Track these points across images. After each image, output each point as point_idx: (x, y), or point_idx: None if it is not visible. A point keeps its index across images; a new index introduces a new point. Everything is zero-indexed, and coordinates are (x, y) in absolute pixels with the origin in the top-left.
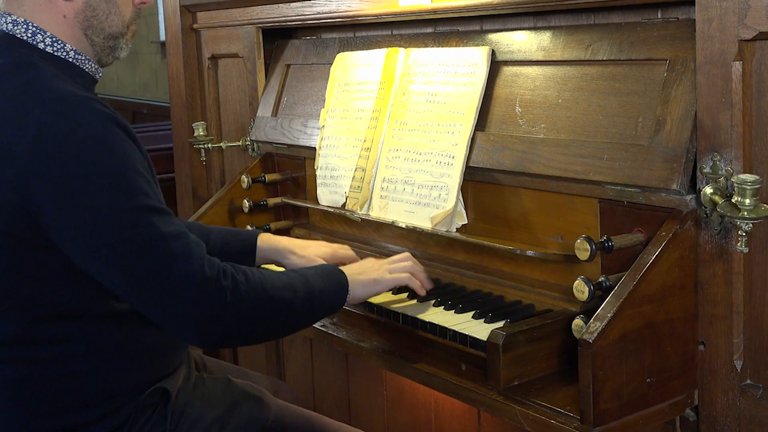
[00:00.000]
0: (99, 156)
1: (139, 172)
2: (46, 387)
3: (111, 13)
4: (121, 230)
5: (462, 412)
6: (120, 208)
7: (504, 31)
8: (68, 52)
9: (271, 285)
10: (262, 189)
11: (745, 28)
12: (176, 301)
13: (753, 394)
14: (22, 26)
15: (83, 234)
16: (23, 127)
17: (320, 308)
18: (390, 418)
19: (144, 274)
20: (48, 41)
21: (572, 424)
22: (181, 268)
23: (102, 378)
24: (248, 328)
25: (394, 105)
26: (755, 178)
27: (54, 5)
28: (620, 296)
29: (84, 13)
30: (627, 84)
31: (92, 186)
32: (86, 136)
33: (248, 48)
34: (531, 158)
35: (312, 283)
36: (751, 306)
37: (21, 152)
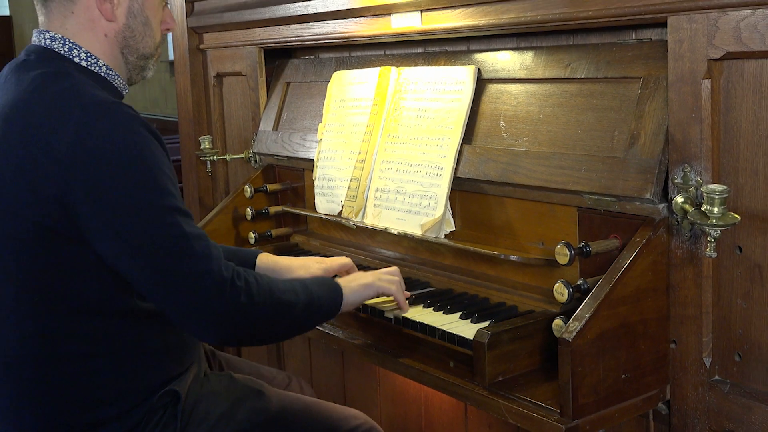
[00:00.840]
0: (131, 157)
1: (166, 174)
2: (66, 384)
3: (146, 35)
4: (148, 226)
5: (450, 406)
6: (149, 206)
7: (489, 51)
8: (101, 67)
9: (277, 288)
10: (263, 198)
11: (714, 49)
12: (194, 297)
13: (721, 389)
14: (59, 42)
15: (113, 227)
16: (63, 128)
17: (319, 312)
18: (383, 411)
19: (166, 269)
20: (83, 56)
21: (553, 417)
22: (201, 266)
23: (119, 377)
24: (257, 327)
25: (386, 120)
26: (723, 188)
27: (96, 25)
28: (597, 298)
29: (123, 33)
30: (604, 100)
31: (124, 184)
32: (121, 139)
33: (251, 67)
34: (514, 169)
35: (311, 289)
36: (719, 307)
37: (61, 150)
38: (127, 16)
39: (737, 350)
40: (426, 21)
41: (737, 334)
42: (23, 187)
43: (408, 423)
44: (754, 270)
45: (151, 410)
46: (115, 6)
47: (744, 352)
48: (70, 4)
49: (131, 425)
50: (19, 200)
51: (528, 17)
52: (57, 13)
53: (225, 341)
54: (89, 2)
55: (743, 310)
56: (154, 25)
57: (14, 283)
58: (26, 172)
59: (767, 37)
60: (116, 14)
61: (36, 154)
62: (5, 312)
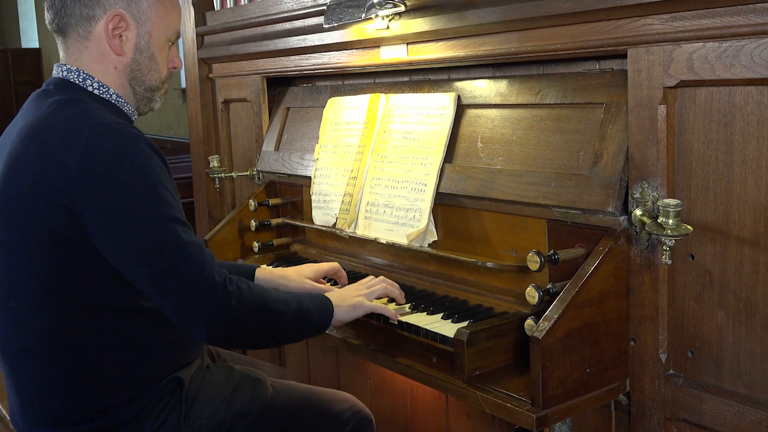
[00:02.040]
0: (134, 171)
1: (166, 187)
2: (80, 374)
3: (152, 69)
4: (148, 233)
5: (433, 397)
6: (149, 215)
7: (468, 79)
8: (111, 95)
9: (269, 297)
10: (266, 211)
11: (669, 77)
12: (187, 298)
13: (675, 382)
14: (75, 73)
15: (117, 234)
16: (74, 145)
17: (308, 324)
18: (373, 402)
19: (163, 271)
20: (96, 85)
21: (524, 407)
22: (195, 270)
23: (128, 367)
24: (247, 330)
25: (376, 141)
26: (677, 202)
27: (107, 58)
28: (565, 300)
29: (131, 66)
30: (570, 124)
31: (127, 195)
32: (124, 154)
33: (255, 94)
34: (490, 186)
35: (303, 302)
36: (673, 309)
37: (71, 164)
38: (134, 51)
39: (690, 347)
40: (411, 53)
41: (690, 333)
42: (39, 197)
43: (395, 413)
44: (704, 275)
45: (158, 396)
46: (124, 42)
47: (696, 349)
48: (84, 41)
49: (139, 409)
50: (36, 209)
51: (502, 49)
52: (73, 48)
53: (216, 340)
54: (101, 38)
55: (695, 311)
56: (159, 61)
57: (32, 282)
58: (41, 184)
59: (717, 67)
60: (124, 49)
61: (49, 168)
62: (24, 308)
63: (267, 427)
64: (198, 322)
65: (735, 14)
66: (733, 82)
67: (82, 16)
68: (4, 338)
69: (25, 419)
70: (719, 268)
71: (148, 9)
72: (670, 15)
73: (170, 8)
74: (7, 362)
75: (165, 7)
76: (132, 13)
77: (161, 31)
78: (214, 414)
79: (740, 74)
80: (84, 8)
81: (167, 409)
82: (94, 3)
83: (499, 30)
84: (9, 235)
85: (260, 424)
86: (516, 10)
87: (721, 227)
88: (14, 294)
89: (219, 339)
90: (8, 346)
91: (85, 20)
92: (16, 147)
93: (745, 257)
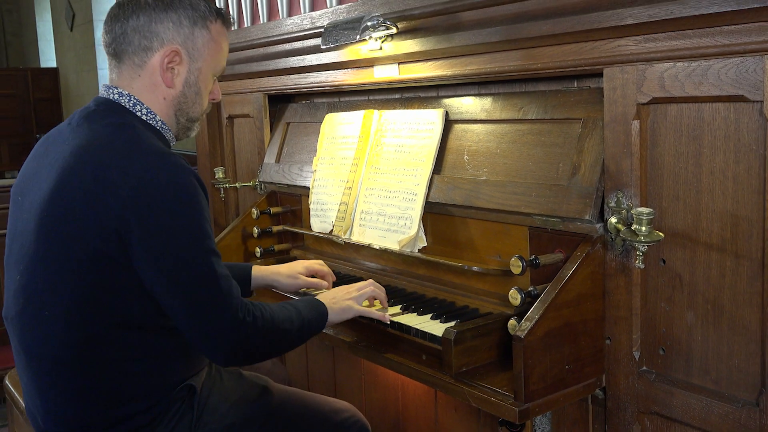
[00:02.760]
0: (182, 202)
1: (207, 219)
2: (104, 383)
3: (196, 103)
4: (188, 264)
5: (422, 392)
6: (191, 247)
7: (455, 96)
8: (157, 122)
9: (278, 318)
10: (268, 219)
11: (642, 95)
12: (212, 329)
13: (647, 378)
14: (126, 98)
15: (159, 260)
16: (129, 171)
17: (308, 333)
18: (366, 396)
19: (195, 300)
20: (144, 111)
21: (508, 401)
22: (223, 303)
23: (148, 377)
24: (259, 353)
25: (370, 154)
26: (649, 211)
27: (158, 89)
28: (545, 302)
29: (179, 98)
30: (550, 138)
31: (174, 224)
32: (176, 185)
33: (257, 110)
34: (476, 195)
35: (303, 315)
36: (646, 310)
37: (126, 190)
38: (183, 85)
39: (661, 345)
40: (402, 72)
41: (661, 332)
42: (89, 216)
43: (387, 406)
44: (675, 279)
45: (172, 401)
46: (175, 75)
47: (667, 347)
48: (138, 69)
49: (156, 414)
50: (83, 227)
51: (487, 69)
52: (127, 74)
53: (230, 364)
54: (154, 69)
55: (666, 312)
56: (204, 95)
57: (66, 296)
58: (93, 205)
59: (686, 85)
60: (175, 82)
61: (103, 191)
62: (56, 319)
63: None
64: (218, 349)
65: (703, 36)
66: (702, 99)
67: (140, 47)
68: (33, 345)
69: (47, 422)
70: (689, 272)
71: (203, 47)
72: (643, 37)
73: (221, 47)
74: (33, 367)
75: (218, 46)
76: (187, 49)
77: (210, 68)
78: (223, 419)
79: (708, 92)
80: (143, 39)
81: (179, 414)
82: (154, 36)
83: (483, 51)
84: (50, 248)
85: (266, 430)
86: (499, 32)
87: (690, 234)
88: (48, 304)
89: (233, 363)
90: (36, 352)
91: (143, 50)
92: (70, 164)
93: (713, 262)
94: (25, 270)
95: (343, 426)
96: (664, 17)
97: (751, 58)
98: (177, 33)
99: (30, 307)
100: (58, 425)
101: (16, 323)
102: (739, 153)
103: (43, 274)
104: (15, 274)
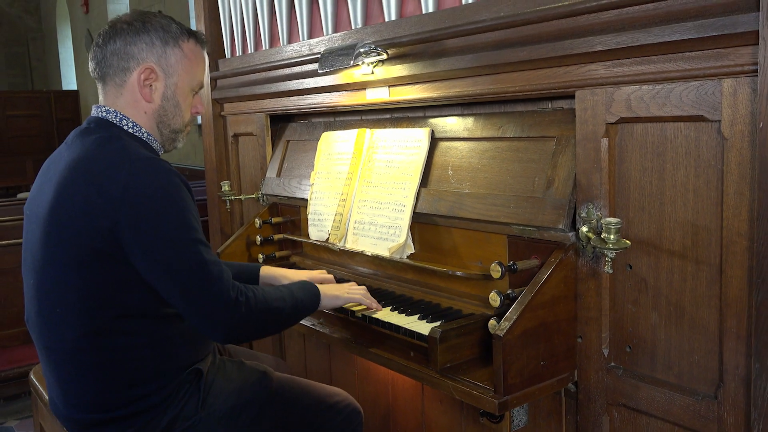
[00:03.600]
0: (166, 200)
1: (192, 214)
2: (116, 368)
3: (176, 115)
4: (177, 253)
5: (410, 385)
6: (177, 238)
7: (440, 116)
8: (143, 134)
9: (270, 297)
10: (269, 228)
11: (610, 115)
12: (208, 309)
13: (616, 373)
14: (113, 114)
15: (151, 253)
16: (117, 177)
17: (301, 311)
18: (359, 389)
19: (189, 286)
20: (130, 125)
21: (488, 394)
22: (215, 286)
23: (155, 361)
24: (255, 330)
25: (362, 169)
26: (617, 221)
27: (139, 104)
28: (522, 304)
29: (158, 111)
30: (527, 154)
31: (161, 221)
32: (159, 186)
33: (260, 129)
34: (459, 206)
35: (296, 295)
36: (614, 311)
37: (114, 193)
38: (162, 99)
39: (628, 343)
40: (392, 94)
41: (628, 331)
42: (85, 220)
43: (379, 398)
44: (640, 282)
45: (180, 384)
46: (153, 91)
47: (633, 345)
48: (120, 88)
49: (166, 395)
50: (82, 230)
51: (469, 91)
52: (111, 93)
53: (230, 341)
54: (134, 86)
55: (632, 313)
56: (183, 108)
57: (75, 292)
58: (87, 209)
59: (651, 106)
60: (153, 97)
61: (95, 196)
62: (68, 314)
63: (272, 413)
64: (216, 328)
65: (667, 61)
66: (665, 119)
67: (119, 68)
68: (49, 339)
69: (67, 407)
70: (653, 277)
71: (176, 63)
72: (612, 62)
73: (195, 63)
74: (52, 359)
75: (190, 62)
76: (161, 66)
77: (186, 82)
78: (227, 401)
79: (671, 112)
80: (121, 61)
81: (187, 396)
82: (130, 57)
83: (466, 75)
84: (56, 252)
85: (266, 411)
86: (481, 58)
87: (654, 242)
88: (59, 303)
89: (232, 340)
90: (53, 345)
91: (122, 71)
92: (65, 176)
93: (675, 267)
94: (36, 275)
95: (336, 408)
96: (631, 44)
97: (710, 81)
98: (150, 52)
99: (44, 307)
100: (78, 410)
101: (35, 323)
102: (699, 168)
103: (51, 276)
104: (30, 280)
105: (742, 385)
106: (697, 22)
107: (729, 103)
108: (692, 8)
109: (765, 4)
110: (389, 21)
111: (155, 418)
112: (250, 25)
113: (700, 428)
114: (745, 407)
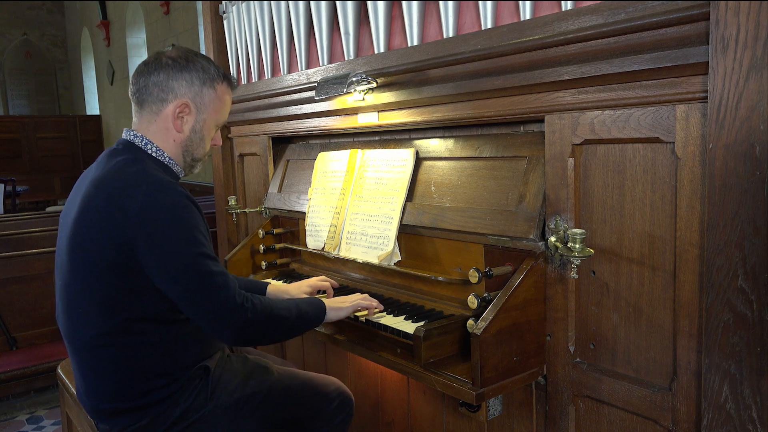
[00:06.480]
0: (177, 220)
1: (201, 231)
2: (132, 363)
3: (200, 146)
4: (186, 265)
5: (397, 379)
6: (186, 252)
7: (424, 138)
8: (165, 158)
9: (275, 307)
10: (271, 238)
11: (576, 137)
12: (216, 315)
13: (581, 368)
14: (139, 138)
15: (163, 265)
16: (135, 197)
17: (306, 324)
18: (352, 382)
19: (198, 295)
20: (154, 149)
21: (467, 386)
22: (222, 294)
23: (167, 358)
24: (260, 334)
25: (354, 185)
26: (582, 231)
27: (169, 133)
28: (497, 306)
29: (185, 142)
30: (501, 172)
31: (172, 237)
32: (171, 207)
33: (263, 149)
34: (441, 219)
35: (302, 308)
36: (579, 312)
37: (132, 211)
38: (190, 132)
39: (591, 341)
40: (381, 118)
41: (592, 330)
42: (105, 233)
43: (369, 390)
44: (603, 287)
45: (190, 379)
46: (184, 123)
47: (596, 342)
48: (155, 115)
49: (175, 389)
50: (101, 244)
51: (450, 116)
52: (145, 118)
53: (237, 343)
54: (168, 117)
55: (595, 314)
56: (206, 140)
57: (95, 296)
58: (107, 224)
59: (612, 129)
60: (184, 128)
61: (115, 212)
62: (89, 315)
63: (273, 402)
64: (224, 331)
65: (626, 89)
66: (625, 141)
67: (158, 98)
68: (73, 335)
69: (89, 396)
70: (614, 281)
71: (209, 102)
72: (578, 90)
73: (224, 104)
74: (75, 353)
75: (221, 103)
76: (195, 103)
77: (213, 119)
78: (232, 393)
79: (630, 134)
80: (161, 92)
81: (197, 390)
82: (169, 90)
83: (448, 101)
84: (79, 260)
85: (268, 401)
86: (461, 86)
87: (615, 250)
88: (82, 304)
89: (240, 342)
90: (76, 342)
91: (160, 101)
92: (90, 192)
93: (634, 273)
94: (64, 277)
95: (330, 396)
96: (595, 74)
97: (665, 107)
98: (189, 89)
99: (70, 307)
100: (99, 400)
101: (63, 320)
102: (655, 184)
103: (75, 281)
104: (59, 281)
105: (693, 378)
106: (653, 54)
107: (682, 127)
108: (649, 42)
109: (714, 39)
110: (378, 53)
111: (169, 409)
112: (254, 56)
113: (656, 417)
114: (696, 398)
